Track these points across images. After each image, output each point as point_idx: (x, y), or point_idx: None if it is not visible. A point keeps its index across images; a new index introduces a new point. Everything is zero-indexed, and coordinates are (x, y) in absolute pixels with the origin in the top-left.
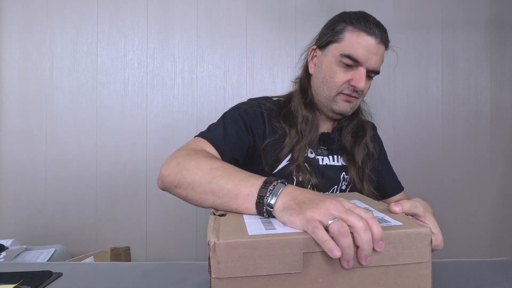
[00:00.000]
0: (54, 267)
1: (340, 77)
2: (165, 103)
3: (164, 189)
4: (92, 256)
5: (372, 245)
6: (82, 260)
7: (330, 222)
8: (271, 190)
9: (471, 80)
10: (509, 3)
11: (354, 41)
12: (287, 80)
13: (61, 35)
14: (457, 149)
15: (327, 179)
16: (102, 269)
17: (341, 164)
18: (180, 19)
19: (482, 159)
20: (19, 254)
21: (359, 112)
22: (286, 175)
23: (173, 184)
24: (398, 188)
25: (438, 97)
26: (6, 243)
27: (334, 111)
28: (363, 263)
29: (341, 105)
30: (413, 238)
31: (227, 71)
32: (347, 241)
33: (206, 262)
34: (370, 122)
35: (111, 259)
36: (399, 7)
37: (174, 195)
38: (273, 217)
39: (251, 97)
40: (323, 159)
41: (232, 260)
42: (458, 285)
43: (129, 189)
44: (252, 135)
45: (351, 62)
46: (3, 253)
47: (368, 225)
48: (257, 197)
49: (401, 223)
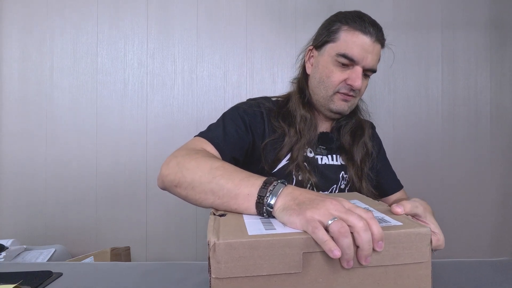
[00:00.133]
0: (54, 267)
1: (336, 76)
2: (165, 103)
3: (164, 189)
4: (92, 256)
5: (372, 245)
6: (82, 260)
7: (330, 222)
8: (271, 190)
9: (471, 80)
10: (509, 3)
11: (349, 40)
12: (287, 80)
13: (61, 35)
14: (457, 149)
15: (326, 178)
16: (102, 269)
17: (340, 163)
18: (180, 19)
19: (482, 159)
20: (19, 254)
21: (358, 111)
22: (285, 174)
23: (173, 183)
24: (397, 186)
25: (438, 97)
26: (6, 243)
27: (332, 111)
28: (363, 263)
29: (339, 104)
30: (413, 238)
31: (227, 71)
32: (347, 241)
33: (206, 262)
34: (368, 121)
35: (111, 259)
36: (399, 7)
37: (174, 194)
38: (273, 217)
39: (250, 97)
40: (322, 158)
41: (232, 260)
42: (458, 285)
43: (129, 189)
44: (251, 134)
45: (347, 61)
46: (3, 253)
47: (368, 225)
48: (257, 197)
49: (401, 223)
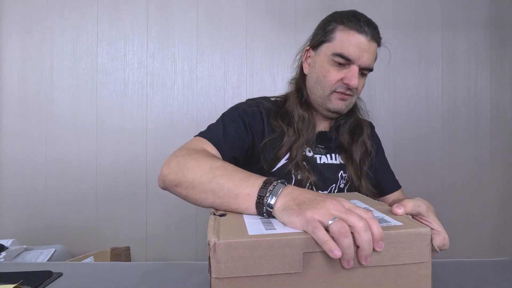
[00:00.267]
0: (54, 267)
1: (333, 76)
2: (165, 103)
3: (164, 188)
4: (92, 256)
5: (372, 245)
6: (82, 260)
7: (330, 222)
8: (271, 190)
9: (471, 80)
10: (509, 3)
11: (345, 40)
12: (287, 80)
13: (61, 35)
14: (457, 149)
15: (325, 177)
16: (102, 269)
17: (339, 162)
18: (180, 19)
19: (482, 159)
20: (19, 254)
21: (356, 110)
22: (284, 174)
23: (174, 183)
24: (395, 186)
25: (438, 97)
26: (6, 243)
27: (329, 110)
28: (363, 263)
29: (336, 103)
30: (413, 238)
31: (227, 71)
32: (348, 241)
33: (206, 262)
34: (367, 120)
35: (111, 259)
36: (399, 7)
37: (174, 194)
38: (273, 217)
39: (249, 97)
40: (321, 157)
41: (232, 260)
42: (458, 285)
43: (129, 189)
44: (251, 134)
45: (343, 60)
46: (3, 253)
47: (368, 225)
48: (257, 197)
49: (401, 223)
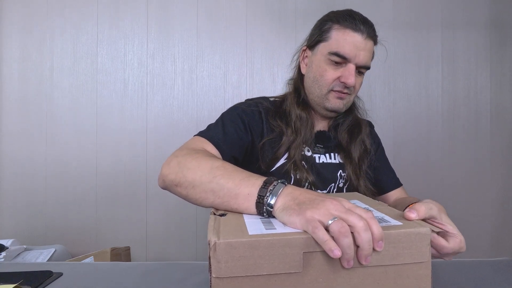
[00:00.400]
0: (54, 267)
1: (329, 74)
2: (165, 103)
3: (165, 188)
4: (92, 256)
5: (372, 245)
6: (82, 260)
7: (330, 222)
8: (271, 190)
9: (471, 80)
10: (509, 3)
11: (340, 38)
12: (287, 80)
13: (61, 35)
14: (457, 149)
15: (324, 177)
16: (102, 269)
17: (338, 161)
18: (180, 19)
19: (482, 159)
20: (19, 254)
21: (355, 109)
22: (283, 173)
23: (174, 183)
24: (396, 184)
25: (438, 97)
26: (6, 243)
27: (327, 109)
28: (363, 263)
29: (333, 102)
30: (413, 238)
31: (227, 71)
32: (348, 241)
33: (206, 262)
34: (366, 119)
35: (111, 259)
36: (399, 7)
37: (174, 194)
38: (273, 217)
39: (249, 97)
40: (319, 157)
41: (232, 259)
42: (458, 285)
43: (129, 189)
44: (250, 134)
45: (339, 59)
46: (3, 253)
47: (368, 225)
48: (257, 197)
49: (401, 223)
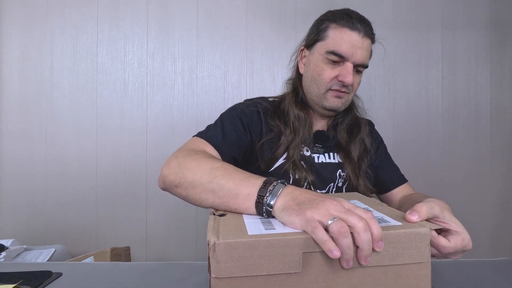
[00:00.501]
0: (54, 267)
1: (327, 74)
2: (165, 103)
3: (165, 189)
4: (92, 256)
5: (371, 245)
6: (82, 260)
7: (330, 222)
8: (271, 190)
9: (471, 80)
10: (509, 3)
11: (337, 37)
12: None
13: (61, 35)
14: (457, 149)
15: (323, 176)
16: (102, 269)
17: (338, 161)
18: (180, 19)
19: (482, 159)
20: (19, 254)
21: (354, 108)
22: (282, 173)
23: (174, 183)
24: (401, 180)
25: (438, 97)
26: (6, 243)
27: (325, 108)
28: (363, 263)
29: (332, 101)
30: (413, 238)
31: (227, 71)
32: (347, 241)
33: (206, 262)
34: (365, 118)
35: (111, 259)
36: (399, 7)
37: (174, 195)
38: (273, 217)
39: (249, 97)
40: (318, 157)
41: (231, 260)
42: (458, 285)
43: (129, 189)
44: (249, 134)
45: (336, 58)
46: (3, 253)
47: (367, 225)
48: (257, 197)
49: (401, 223)
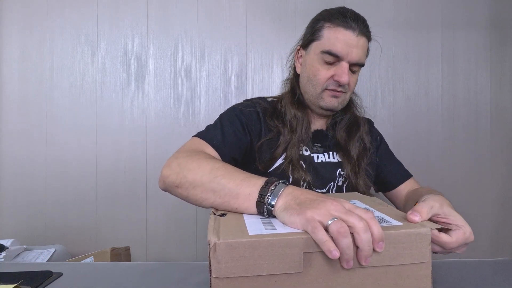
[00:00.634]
0: (54, 267)
1: (323, 74)
2: (165, 103)
3: (165, 190)
4: (92, 256)
5: (372, 246)
6: (82, 260)
7: (330, 222)
8: (272, 189)
9: (471, 80)
10: (509, 3)
11: (332, 37)
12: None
13: (61, 35)
14: (457, 149)
15: (322, 176)
16: (102, 269)
17: (337, 160)
18: (180, 19)
19: (482, 159)
20: (19, 254)
21: (353, 106)
22: (280, 173)
23: (174, 184)
24: (405, 176)
25: (438, 97)
26: (6, 243)
27: (322, 108)
28: (363, 264)
29: (328, 101)
30: (413, 238)
31: (227, 71)
32: (347, 241)
33: (206, 262)
34: (364, 117)
35: (111, 259)
36: (399, 7)
37: (175, 195)
38: (274, 216)
39: (249, 98)
40: (318, 156)
41: (232, 260)
42: (458, 285)
43: (129, 189)
44: (249, 135)
45: (332, 58)
46: (3, 253)
47: (368, 226)
48: (258, 196)
49: (401, 223)
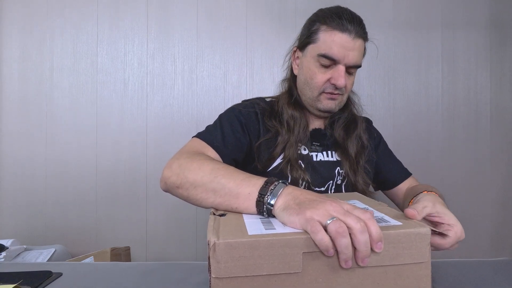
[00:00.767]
0: (54, 267)
1: (320, 77)
2: (165, 103)
3: (166, 191)
4: (92, 256)
5: (369, 247)
6: (82, 260)
7: (328, 222)
8: (272, 189)
9: (471, 80)
10: (509, 3)
11: (328, 40)
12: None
13: (61, 35)
14: (457, 149)
15: (321, 175)
16: (102, 269)
17: (336, 159)
18: (180, 19)
19: (482, 159)
20: (19, 254)
21: (351, 104)
22: (278, 173)
23: (175, 184)
24: (404, 174)
25: (438, 97)
26: (6, 243)
27: (319, 110)
28: (361, 265)
29: (325, 103)
30: (413, 238)
31: (227, 71)
32: (345, 241)
33: (206, 262)
34: (362, 116)
35: (111, 259)
36: (399, 7)
37: (176, 196)
38: (273, 216)
39: (248, 98)
40: (317, 155)
41: (232, 260)
42: (458, 285)
43: (129, 189)
44: (248, 135)
45: (328, 61)
46: (3, 253)
47: (366, 226)
48: (258, 195)
49: (401, 223)
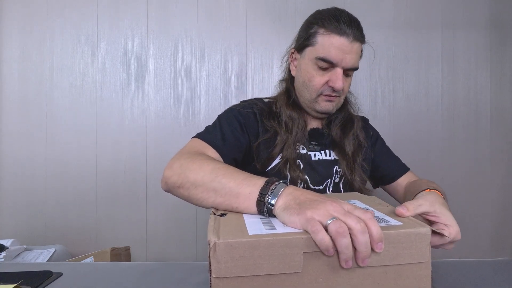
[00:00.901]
0: (54, 267)
1: (317, 80)
2: (165, 103)
3: (167, 191)
4: (92, 256)
5: (370, 248)
6: (82, 260)
7: (329, 222)
8: (272, 189)
9: (471, 80)
10: (509, 3)
11: (326, 43)
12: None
13: (61, 35)
14: (457, 149)
15: (319, 173)
16: (102, 269)
17: (334, 158)
18: (180, 19)
19: (482, 159)
20: (19, 254)
21: (348, 104)
22: (276, 172)
23: (176, 184)
24: (403, 170)
25: (438, 97)
26: (6, 243)
27: (317, 111)
28: (361, 265)
29: (323, 105)
30: (413, 238)
31: (227, 71)
32: (345, 241)
33: (206, 262)
34: (359, 115)
35: (111, 259)
36: (399, 7)
37: (176, 196)
38: (274, 216)
39: (249, 98)
40: (315, 154)
41: (232, 259)
42: (458, 285)
43: (129, 189)
44: (247, 135)
45: (326, 64)
46: (3, 253)
47: (366, 226)
48: (259, 195)
49: (401, 223)
